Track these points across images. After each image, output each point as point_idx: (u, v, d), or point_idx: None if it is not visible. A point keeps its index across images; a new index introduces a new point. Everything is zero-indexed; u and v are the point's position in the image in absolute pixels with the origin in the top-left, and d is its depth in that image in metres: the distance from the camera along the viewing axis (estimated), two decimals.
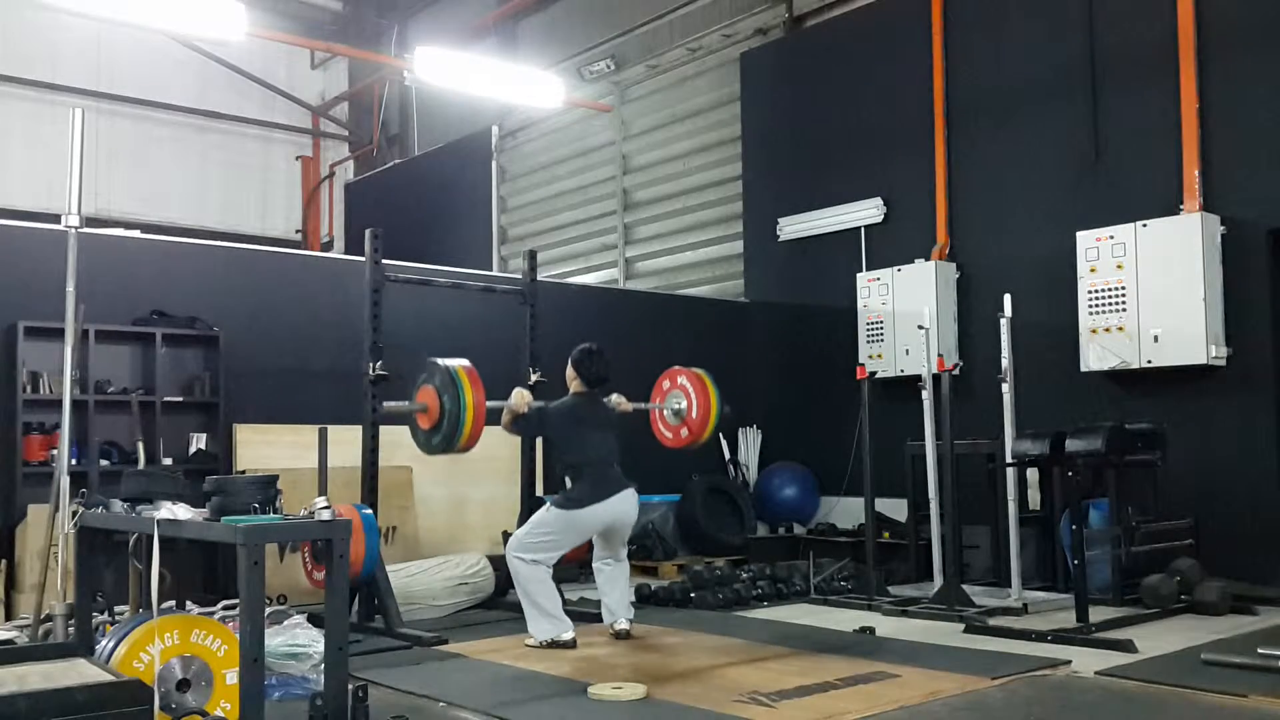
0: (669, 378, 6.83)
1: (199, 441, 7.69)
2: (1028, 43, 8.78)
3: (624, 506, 6.03)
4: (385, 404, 6.09)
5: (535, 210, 13.89)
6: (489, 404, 5.84)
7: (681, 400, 6.70)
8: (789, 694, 4.58)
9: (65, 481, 4.82)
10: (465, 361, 5.93)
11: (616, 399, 6.42)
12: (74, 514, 4.58)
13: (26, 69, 14.57)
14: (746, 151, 11.07)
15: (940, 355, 7.46)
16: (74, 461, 6.14)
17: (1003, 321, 6.92)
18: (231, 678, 3.94)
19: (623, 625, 6.04)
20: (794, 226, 10.40)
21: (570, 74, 12.87)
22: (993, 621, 6.25)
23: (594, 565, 6.25)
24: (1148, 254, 7.61)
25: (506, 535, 7.61)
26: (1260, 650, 4.95)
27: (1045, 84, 8.63)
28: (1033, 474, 7.24)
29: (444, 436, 5.82)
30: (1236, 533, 7.26)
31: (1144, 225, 7.65)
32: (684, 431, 6.72)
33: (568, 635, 5.80)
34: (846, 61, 10.13)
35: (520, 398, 6.22)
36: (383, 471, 6.65)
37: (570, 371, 6.25)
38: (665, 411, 6.78)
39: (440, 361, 5.92)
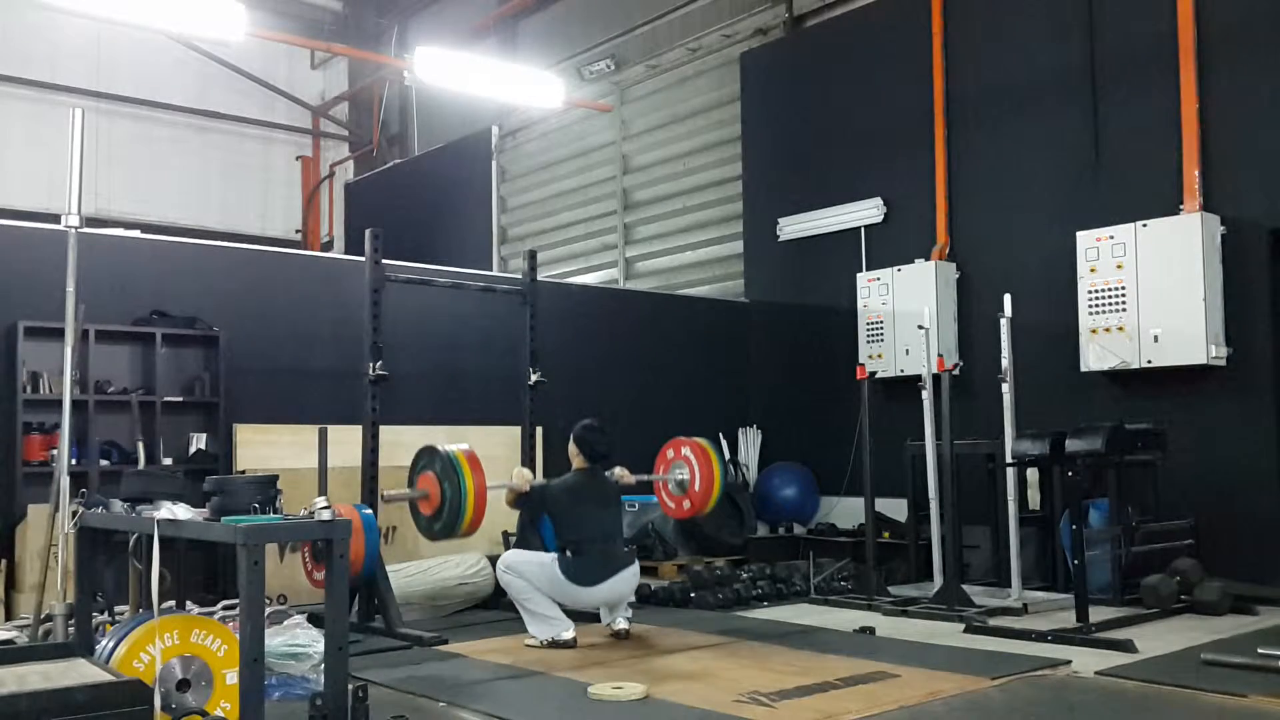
0: (672, 447, 6.74)
1: (199, 441, 7.69)
2: (1028, 43, 8.78)
3: (622, 587, 6.02)
4: (386, 493, 6.06)
5: (535, 210, 13.89)
6: (490, 486, 5.80)
7: (684, 471, 6.63)
8: (789, 694, 4.58)
9: (65, 481, 4.82)
10: (465, 446, 5.90)
11: (619, 472, 6.38)
12: (74, 514, 4.58)
13: (26, 69, 14.57)
14: (746, 151, 11.07)
15: (940, 355, 7.46)
16: (74, 461, 6.14)
17: (1003, 321, 6.92)
18: (231, 678, 3.94)
19: (621, 625, 6.04)
20: (794, 226, 10.40)
21: (570, 74, 12.87)
22: (993, 621, 6.25)
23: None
24: (1148, 254, 7.61)
25: (506, 535, 7.64)
26: (1260, 650, 4.96)
27: (1045, 84, 8.63)
28: (1033, 474, 7.24)
29: (445, 524, 5.80)
30: (1236, 533, 7.26)
31: (1144, 225, 7.65)
32: (686, 503, 6.65)
33: (567, 634, 5.81)
34: (846, 61, 10.13)
35: (521, 477, 6.23)
36: (383, 471, 6.65)
37: (573, 447, 6.23)
38: (669, 483, 6.71)
39: (440, 448, 5.89)
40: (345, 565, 3.88)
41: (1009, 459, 6.87)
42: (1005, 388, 6.91)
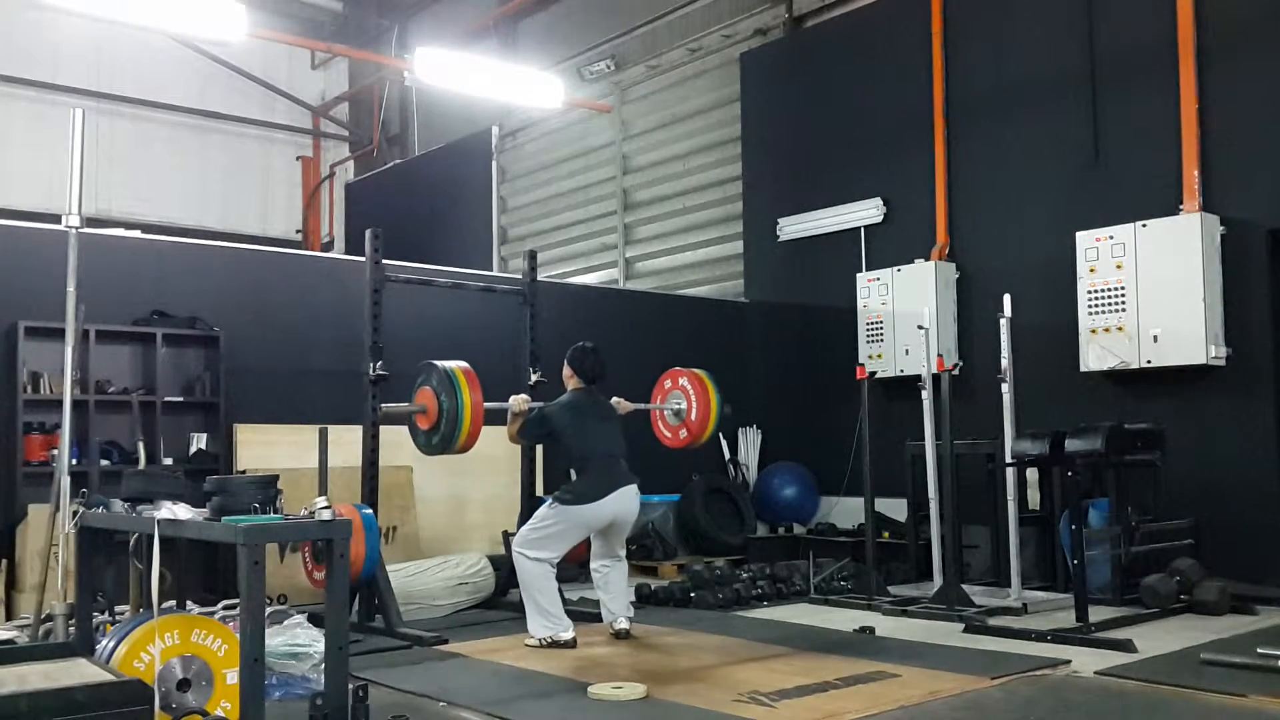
0: (670, 378, 6.86)
1: (199, 441, 7.70)
2: (1028, 43, 8.78)
3: (626, 503, 6.03)
4: (384, 406, 6.09)
5: (535, 210, 13.89)
6: (486, 405, 5.87)
7: (681, 401, 6.74)
8: (789, 694, 4.58)
9: (66, 481, 4.82)
10: (463, 363, 5.96)
11: (616, 401, 6.44)
12: (74, 514, 4.58)
13: (26, 69, 14.56)
14: (746, 151, 11.07)
15: (940, 355, 7.46)
16: (74, 461, 6.14)
17: (1002, 321, 6.92)
18: (232, 677, 3.94)
19: (623, 625, 6.04)
20: (794, 226, 10.41)
21: (570, 74, 12.87)
22: (992, 621, 6.25)
23: (591, 567, 6.24)
24: (1147, 254, 7.62)
25: (506, 535, 7.64)
26: (1260, 650, 4.96)
27: (1045, 84, 8.64)
28: (1033, 474, 7.25)
29: (443, 437, 5.86)
30: (1236, 533, 7.26)
31: (1144, 225, 7.66)
32: (683, 432, 6.75)
33: (567, 635, 5.81)
34: (846, 61, 10.14)
35: (518, 401, 6.25)
36: (383, 471, 6.65)
37: (567, 370, 6.30)
38: (665, 412, 6.81)
39: (438, 364, 5.95)
40: (345, 565, 3.88)
41: (1009, 459, 6.87)
42: (1005, 388, 6.91)
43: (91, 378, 7.28)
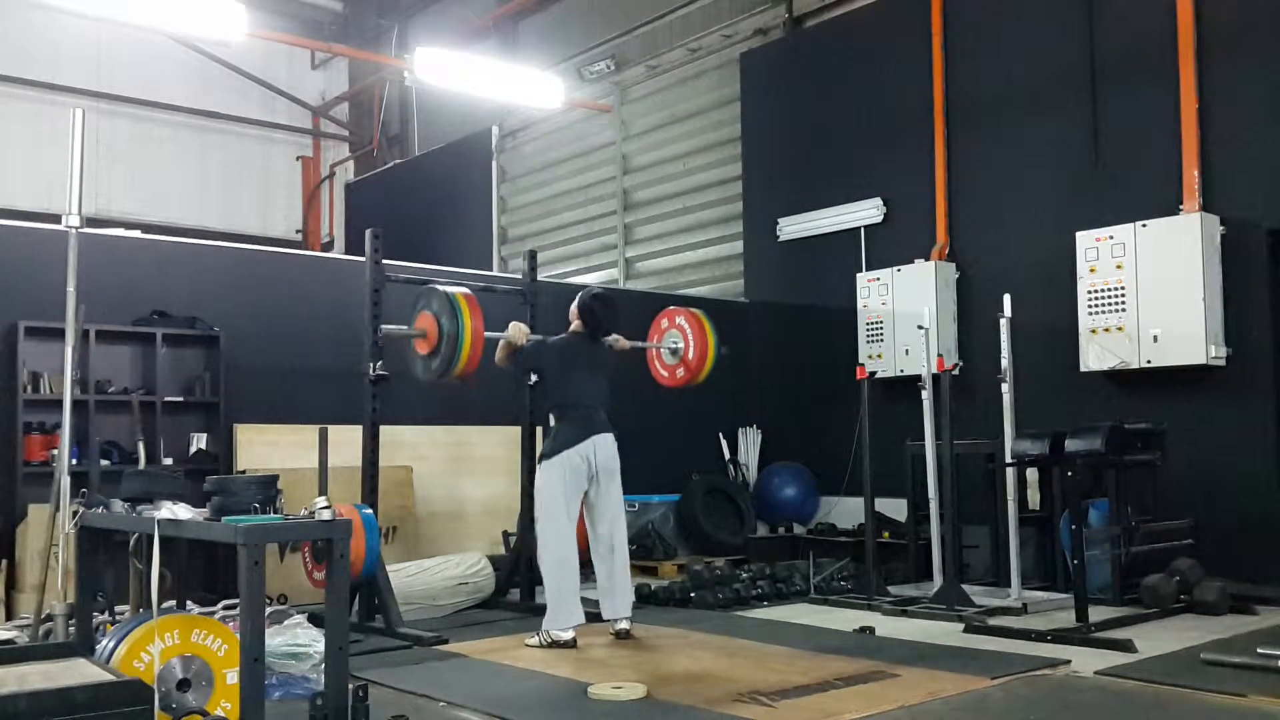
0: (666, 316, 6.80)
1: (199, 441, 7.69)
2: (1028, 43, 8.78)
3: (605, 449, 6.01)
4: (384, 327, 5.91)
5: (535, 210, 13.89)
6: (487, 334, 5.79)
7: (679, 340, 6.67)
8: (789, 694, 4.58)
9: (66, 481, 4.82)
10: (465, 289, 5.86)
11: (614, 338, 6.41)
12: (74, 514, 4.58)
13: (26, 69, 14.57)
14: (746, 151, 11.07)
15: (940, 355, 7.46)
16: (74, 461, 6.12)
17: (1002, 321, 6.92)
18: (232, 677, 3.94)
19: (623, 625, 6.03)
20: (794, 226, 10.41)
21: (570, 74, 12.87)
22: (992, 621, 6.25)
23: (593, 559, 6.19)
24: (1147, 254, 7.62)
25: (506, 535, 7.65)
26: (1260, 650, 4.96)
27: (1045, 84, 8.64)
28: (1033, 474, 7.24)
29: (443, 359, 5.75)
30: (1236, 533, 7.27)
31: (1144, 225, 7.66)
32: (680, 371, 6.70)
33: (566, 635, 5.78)
34: (846, 61, 10.14)
35: (518, 330, 6.20)
36: (383, 471, 6.65)
37: (574, 311, 6.23)
38: (663, 351, 6.75)
39: (439, 287, 5.83)
40: (345, 565, 3.88)
41: (1009, 459, 6.87)
42: (1005, 388, 6.91)
43: (91, 378, 7.28)
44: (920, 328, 7.74)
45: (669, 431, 10.12)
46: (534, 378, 6.55)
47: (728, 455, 10.54)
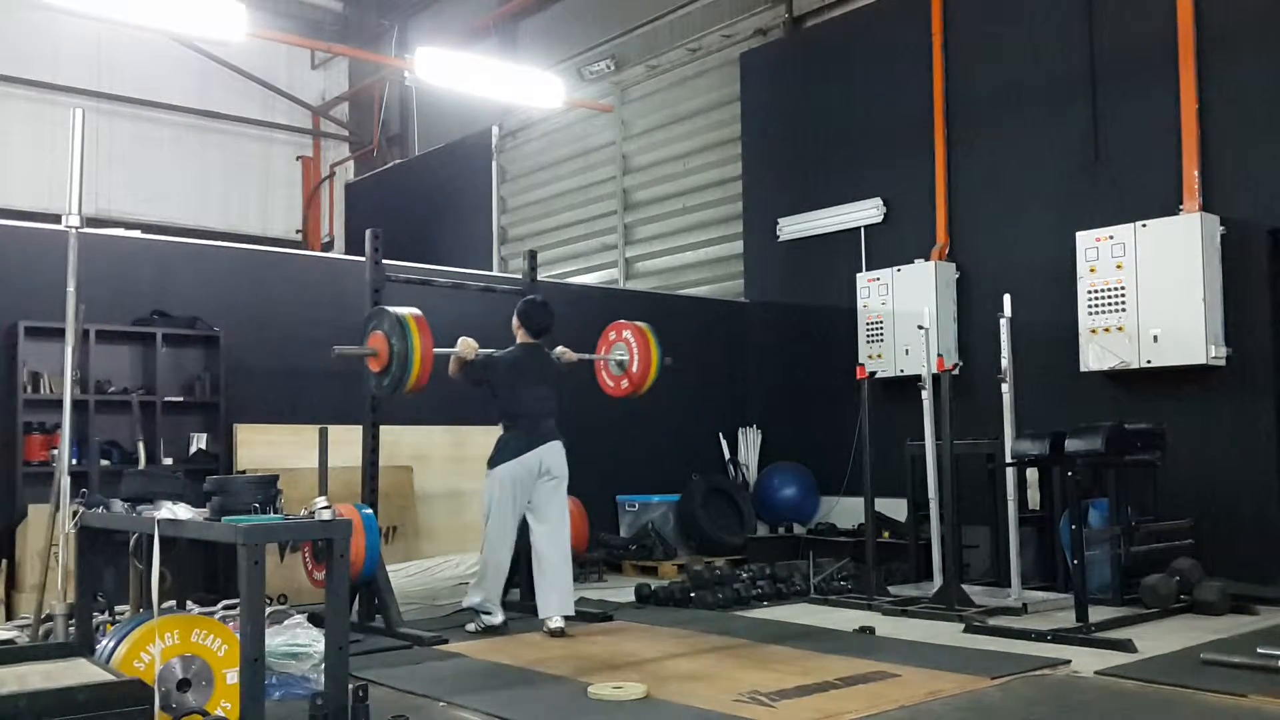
0: (614, 329, 7.01)
1: (199, 441, 7.69)
2: (1027, 43, 8.78)
3: (553, 456, 6.30)
4: (336, 348, 6.10)
5: (535, 210, 13.89)
6: (436, 350, 5.96)
7: (624, 352, 6.90)
8: (789, 694, 4.58)
9: (66, 481, 4.81)
10: (415, 310, 6.04)
11: (560, 350, 6.65)
12: (74, 514, 4.58)
13: (26, 69, 14.56)
14: (746, 151, 11.07)
15: (940, 355, 7.46)
16: (74, 461, 6.13)
17: (1002, 321, 6.92)
18: (232, 677, 3.94)
19: (558, 623, 6.05)
20: (794, 226, 10.41)
21: (570, 74, 12.87)
22: (992, 621, 6.25)
23: (533, 559, 6.35)
24: (1147, 254, 7.62)
25: None
26: (1260, 650, 4.96)
27: (1045, 84, 8.64)
28: (1033, 474, 7.24)
29: (393, 379, 5.95)
30: (1236, 533, 7.27)
31: (1144, 225, 7.66)
32: (624, 383, 6.94)
33: (496, 619, 6.14)
34: (846, 61, 10.14)
35: (467, 345, 6.36)
36: (383, 471, 6.66)
37: (515, 322, 6.50)
38: (609, 363, 6.98)
39: (390, 309, 6.04)
40: (346, 565, 3.88)
41: (1009, 459, 6.87)
42: (1005, 388, 6.91)
43: (91, 378, 7.28)
44: (920, 328, 7.74)
45: (669, 431, 10.13)
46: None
47: (728, 455, 10.54)
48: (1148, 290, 7.60)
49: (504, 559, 6.31)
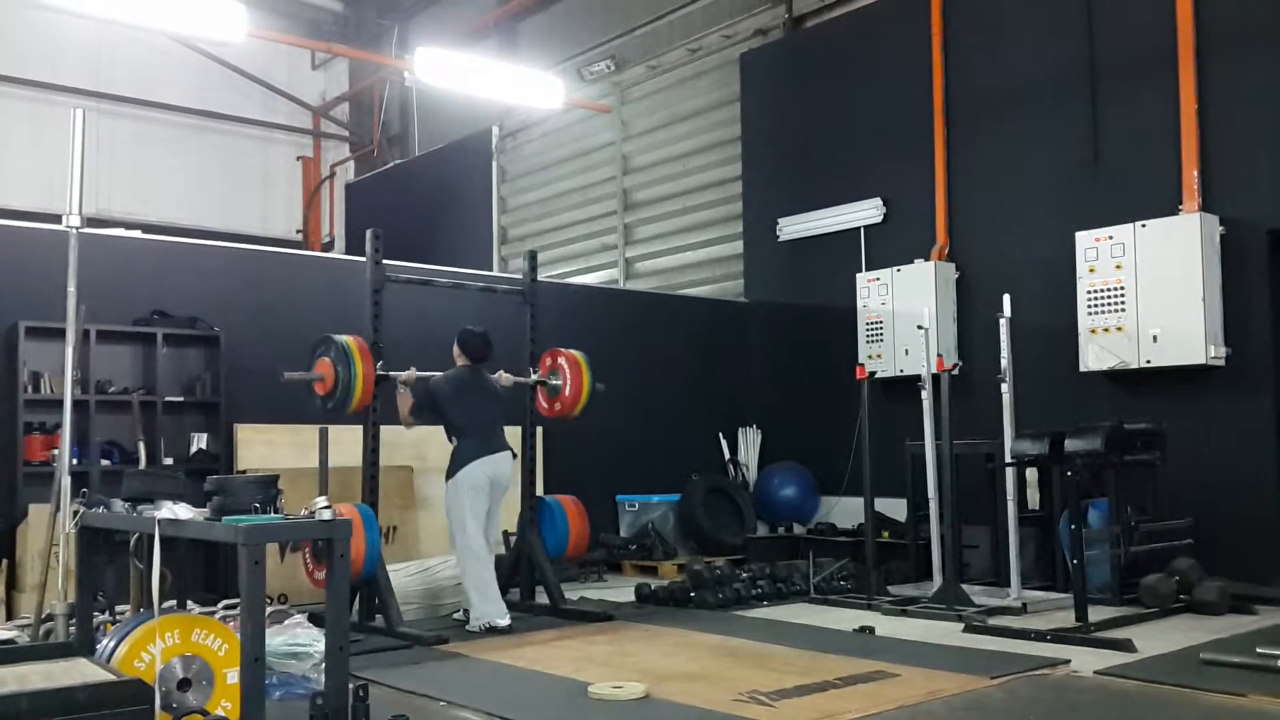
0: (551, 356, 7.26)
1: (200, 441, 7.70)
2: (1027, 43, 8.78)
3: (501, 466, 6.59)
4: (286, 374, 6.45)
5: (535, 210, 13.89)
6: (378, 373, 6.40)
7: (558, 378, 7.17)
8: (789, 694, 4.58)
9: (66, 481, 4.82)
10: (358, 336, 6.38)
11: (500, 374, 6.90)
12: (75, 514, 4.58)
13: (26, 69, 14.56)
14: (746, 151, 11.07)
15: (940, 355, 7.47)
16: (75, 461, 6.14)
17: (1002, 321, 6.93)
18: (232, 677, 3.94)
19: (506, 621, 6.28)
20: (794, 226, 10.41)
21: (570, 74, 12.87)
22: (992, 621, 6.26)
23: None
24: (1147, 254, 7.62)
25: (506, 535, 7.65)
26: (1260, 650, 4.96)
27: (1045, 84, 8.64)
28: (1032, 474, 7.23)
29: (338, 402, 6.32)
30: (1236, 533, 7.27)
31: (1143, 225, 7.66)
32: (557, 405, 7.22)
33: (503, 621, 6.18)
34: (846, 61, 10.14)
35: (409, 373, 6.57)
36: (383, 471, 6.66)
37: (456, 349, 6.78)
38: (545, 386, 7.26)
39: (335, 337, 6.36)
40: (346, 565, 3.88)
41: (1008, 459, 6.87)
42: (1005, 388, 6.91)
43: (92, 378, 7.29)
44: (920, 328, 7.74)
45: (669, 431, 10.13)
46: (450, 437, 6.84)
47: (728, 455, 10.54)
48: (1147, 290, 7.60)
49: (489, 565, 6.46)
